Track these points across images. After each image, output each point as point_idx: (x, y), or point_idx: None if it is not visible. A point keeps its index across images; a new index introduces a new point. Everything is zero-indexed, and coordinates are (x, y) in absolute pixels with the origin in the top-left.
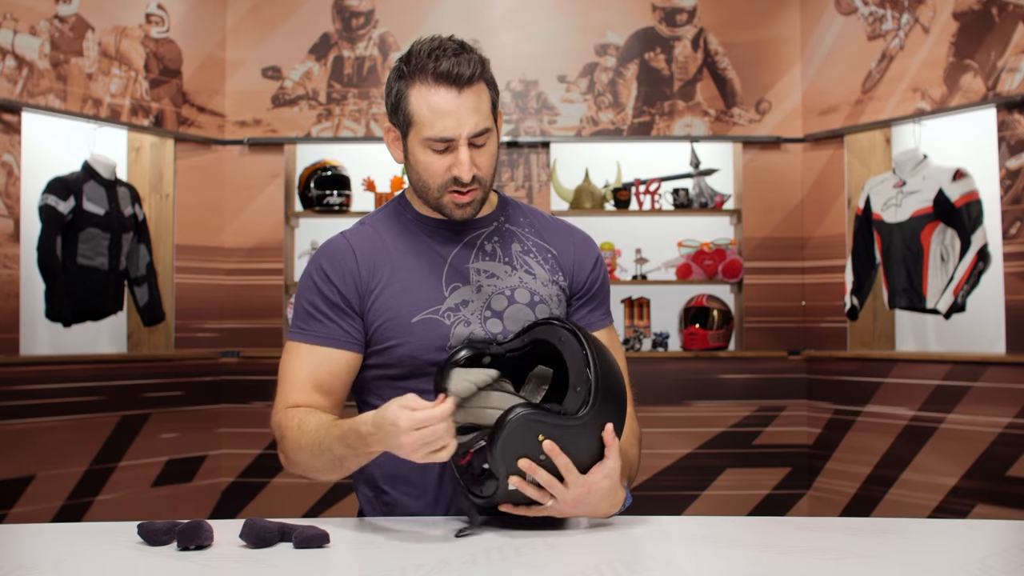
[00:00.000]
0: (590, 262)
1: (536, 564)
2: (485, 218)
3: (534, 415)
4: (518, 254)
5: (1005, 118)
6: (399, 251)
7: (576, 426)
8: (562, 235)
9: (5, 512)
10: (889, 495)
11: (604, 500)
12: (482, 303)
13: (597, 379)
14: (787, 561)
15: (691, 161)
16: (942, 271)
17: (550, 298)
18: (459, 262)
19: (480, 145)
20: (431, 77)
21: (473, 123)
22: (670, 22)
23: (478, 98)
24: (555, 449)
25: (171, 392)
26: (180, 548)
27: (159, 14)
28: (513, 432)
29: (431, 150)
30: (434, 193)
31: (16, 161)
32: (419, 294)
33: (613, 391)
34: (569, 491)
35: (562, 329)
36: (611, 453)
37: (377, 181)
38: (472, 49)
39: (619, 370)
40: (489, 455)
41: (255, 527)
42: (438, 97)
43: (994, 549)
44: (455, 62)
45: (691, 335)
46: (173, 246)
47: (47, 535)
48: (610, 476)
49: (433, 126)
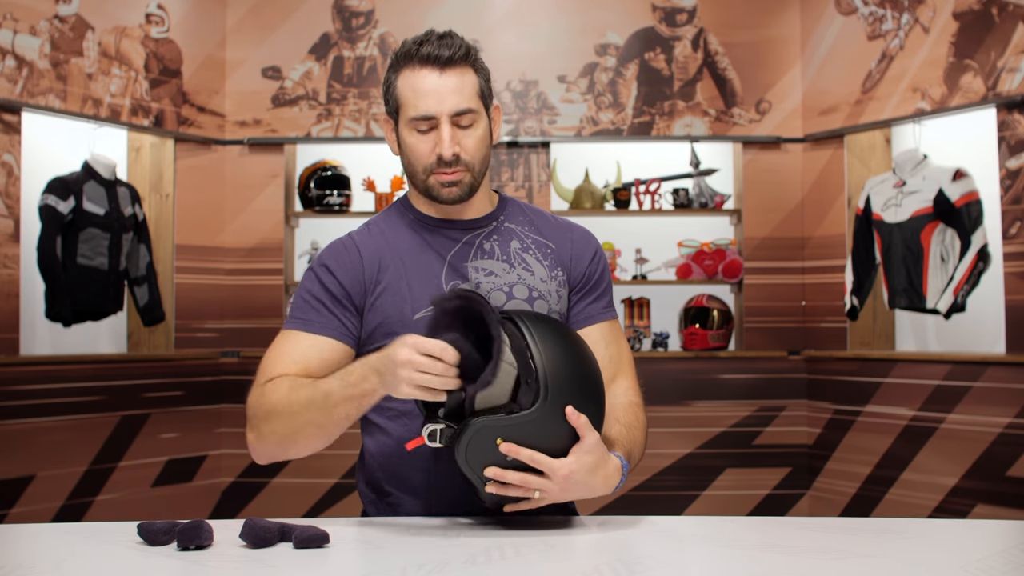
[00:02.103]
0: (588, 254)
1: (536, 564)
2: (484, 217)
3: (486, 421)
4: (516, 251)
5: (1005, 118)
6: (401, 250)
7: (533, 420)
8: (561, 231)
9: (5, 512)
10: (889, 495)
11: (593, 475)
12: None
13: (544, 370)
14: (787, 561)
15: (691, 161)
16: (942, 271)
17: (549, 294)
18: (458, 261)
19: (465, 126)
20: (416, 61)
21: (454, 102)
22: (670, 22)
23: (460, 80)
24: (512, 447)
25: (171, 392)
26: (180, 548)
27: (159, 14)
28: (470, 444)
29: (416, 131)
30: (421, 176)
31: (16, 161)
32: (419, 292)
33: (572, 376)
34: (551, 478)
35: (507, 322)
36: (584, 432)
37: (377, 181)
38: (459, 37)
39: (581, 353)
40: (461, 468)
41: (255, 527)
42: (420, 78)
43: (994, 549)
44: (437, 45)
45: (691, 335)
46: (173, 246)
47: (47, 535)
48: (590, 451)
49: (416, 106)
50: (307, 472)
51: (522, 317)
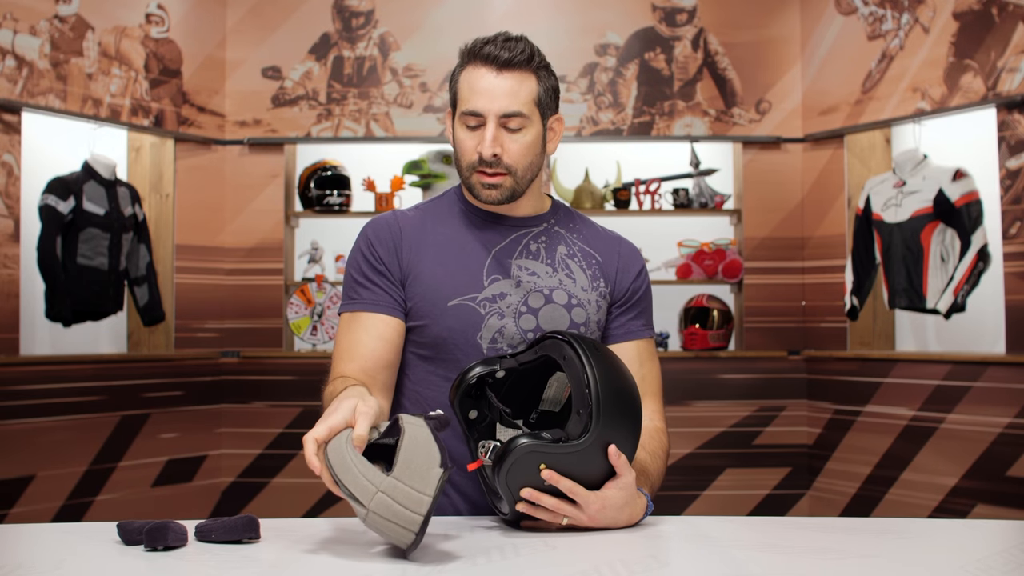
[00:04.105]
0: (634, 271)
1: (536, 564)
2: (536, 217)
3: (534, 446)
4: (562, 257)
5: (1005, 118)
6: (445, 236)
7: (578, 452)
8: (610, 243)
9: (5, 512)
10: (889, 495)
11: (622, 512)
12: (519, 299)
13: (598, 402)
14: (787, 561)
15: (691, 161)
16: (942, 271)
17: (588, 303)
18: (503, 256)
19: (513, 129)
20: (478, 59)
21: (505, 103)
22: (670, 22)
23: (517, 83)
24: (554, 476)
25: (171, 392)
26: (147, 549)
27: (159, 14)
28: (514, 464)
29: (466, 126)
30: (465, 172)
31: (16, 161)
32: (459, 279)
33: (619, 407)
34: (583, 510)
35: (566, 346)
36: (622, 471)
37: (377, 181)
38: (527, 43)
39: (630, 381)
40: (495, 482)
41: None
42: (478, 75)
43: (994, 549)
44: (501, 46)
45: (691, 335)
46: (173, 246)
47: (47, 535)
48: (624, 489)
49: (468, 101)
50: (307, 472)
51: (583, 344)
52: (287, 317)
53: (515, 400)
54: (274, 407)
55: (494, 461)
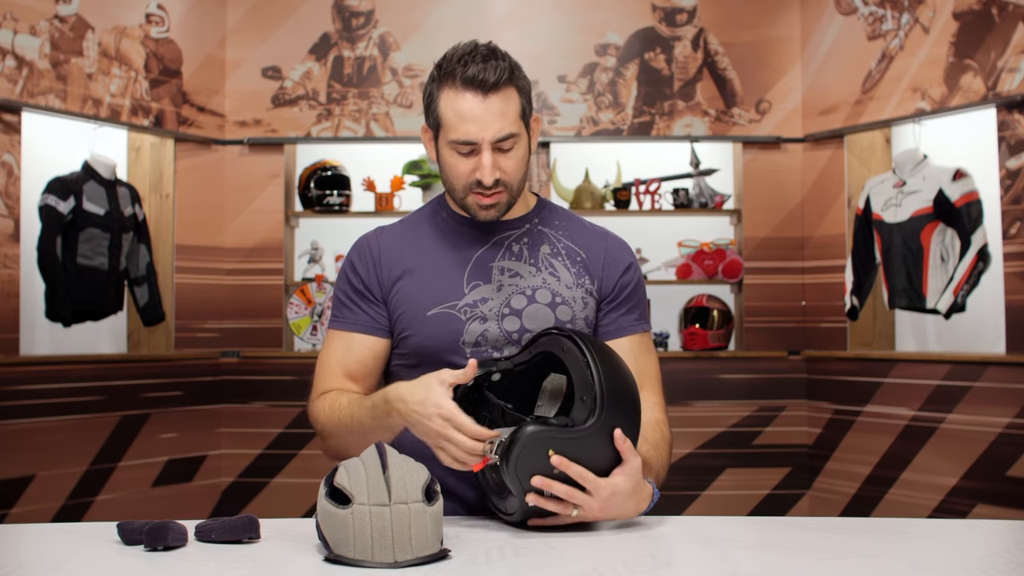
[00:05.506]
0: (622, 266)
1: (536, 564)
2: (518, 219)
3: (541, 432)
4: (545, 256)
5: (1005, 118)
6: (427, 247)
7: (585, 436)
8: (596, 239)
9: (5, 512)
10: (889, 495)
11: (629, 499)
12: (501, 301)
13: (602, 387)
14: (787, 561)
15: (691, 161)
16: (942, 271)
17: (573, 300)
18: (484, 261)
19: (506, 149)
20: (459, 82)
21: (497, 128)
22: (670, 22)
23: (504, 104)
24: (564, 462)
25: (171, 392)
26: (147, 549)
27: (159, 14)
28: (523, 451)
29: (457, 152)
30: (459, 193)
31: (16, 161)
32: (438, 289)
33: (621, 396)
34: (594, 497)
35: (563, 338)
36: (628, 456)
37: (377, 181)
38: (503, 56)
39: (628, 373)
40: (504, 474)
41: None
42: (464, 102)
43: (994, 549)
44: (482, 68)
45: (691, 335)
46: (173, 246)
47: (47, 535)
48: (631, 475)
49: (458, 130)
50: (307, 472)
51: (580, 334)
52: (287, 317)
53: (513, 402)
54: (274, 407)
55: (501, 454)
